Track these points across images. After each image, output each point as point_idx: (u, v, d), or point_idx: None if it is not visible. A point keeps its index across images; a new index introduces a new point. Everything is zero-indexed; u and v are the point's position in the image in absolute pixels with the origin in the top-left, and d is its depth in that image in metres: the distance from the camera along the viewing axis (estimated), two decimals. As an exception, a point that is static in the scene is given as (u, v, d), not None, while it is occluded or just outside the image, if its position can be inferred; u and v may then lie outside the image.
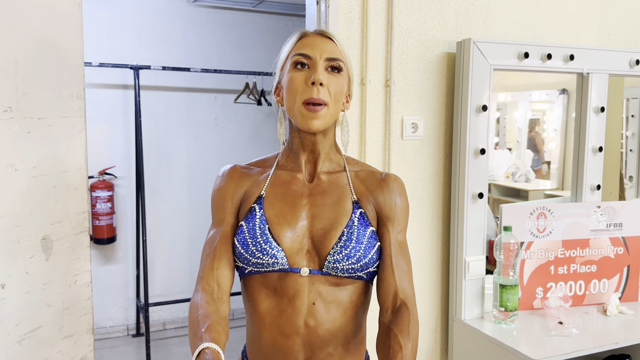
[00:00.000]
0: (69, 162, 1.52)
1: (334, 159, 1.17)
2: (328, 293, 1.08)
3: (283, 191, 1.13)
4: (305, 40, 1.11)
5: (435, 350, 2.12)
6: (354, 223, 1.10)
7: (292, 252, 1.08)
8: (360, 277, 1.09)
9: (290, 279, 1.07)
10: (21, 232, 1.40)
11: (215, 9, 3.99)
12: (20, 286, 1.41)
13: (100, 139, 3.71)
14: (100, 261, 3.82)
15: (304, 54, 1.08)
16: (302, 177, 1.15)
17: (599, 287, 2.08)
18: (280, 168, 1.17)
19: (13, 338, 1.40)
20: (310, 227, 1.10)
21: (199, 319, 1.00)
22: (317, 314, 1.07)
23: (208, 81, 4.00)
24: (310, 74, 1.07)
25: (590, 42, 2.30)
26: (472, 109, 1.92)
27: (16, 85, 1.37)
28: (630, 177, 2.76)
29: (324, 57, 1.08)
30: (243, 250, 1.08)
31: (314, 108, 1.05)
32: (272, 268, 1.07)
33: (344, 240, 1.07)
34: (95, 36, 3.56)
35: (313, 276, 1.08)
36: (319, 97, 1.05)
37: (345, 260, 1.07)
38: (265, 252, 1.06)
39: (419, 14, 1.96)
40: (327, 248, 1.08)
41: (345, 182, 1.15)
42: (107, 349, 3.67)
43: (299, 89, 1.06)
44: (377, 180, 1.17)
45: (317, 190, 1.13)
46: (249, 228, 1.09)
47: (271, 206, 1.11)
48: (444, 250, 2.09)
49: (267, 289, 1.09)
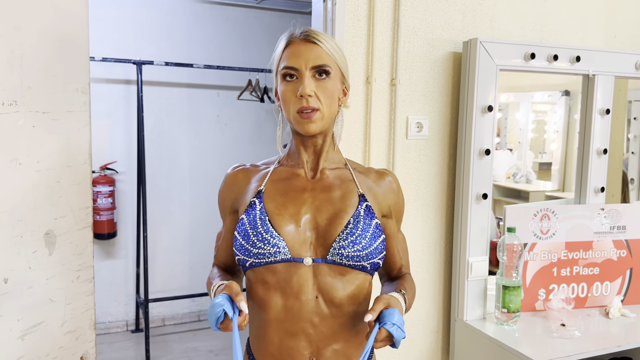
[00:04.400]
0: (74, 156, 1.52)
1: (334, 158, 1.20)
2: (331, 285, 1.09)
3: (284, 186, 1.16)
4: (291, 49, 1.12)
5: (437, 351, 2.12)
6: (360, 214, 1.12)
7: (295, 244, 1.09)
8: (364, 268, 1.10)
9: (294, 270, 1.08)
10: (24, 226, 1.40)
11: (218, 5, 3.98)
12: (23, 281, 1.40)
13: (102, 134, 3.70)
14: (101, 256, 3.81)
15: (290, 67, 1.10)
16: (303, 173, 1.17)
17: (601, 289, 2.08)
18: (281, 166, 1.21)
19: (15, 333, 1.39)
20: (314, 219, 1.11)
21: (211, 277, 1.20)
22: (322, 310, 1.09)
23: (211, 77, 3.99)
24: (298, 85, 1.09)
25: (597, 43, 2.29)
26: (477, 109, 1.91)
27: (21, 79, 1.36)
28: (631, 179, 2.75)
29: (310, 66, 1.09)
30: (244, 241, 1.09)
31: (307, 115, 1.09)
32: (274, 258, 1.08)
33: (350, 228, 1.09)
34: (98, 31, 3.54)
35: (317, 266, 1.09)
36: (310, 105, 1.08)
37: (350, 247, 1.08)
38: (267, 242, 1.08)
39: (425, 13, 1.95)
40: (332, 236, 1.09)
41: (350, 178, 1.18)
42: (106, 344, 3.66)
43: (290, 101, 1.10)
44: (379, 179, 1.21)
45: (321, 185, 1.16)
46: (249, 220, 1.10)
47: (271, 199, 1.13)
48: (447, 251, 2.08)
49: (270, 282, 1.10)
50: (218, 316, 0.97)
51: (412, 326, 2.06)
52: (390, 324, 0.99)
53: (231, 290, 1.01)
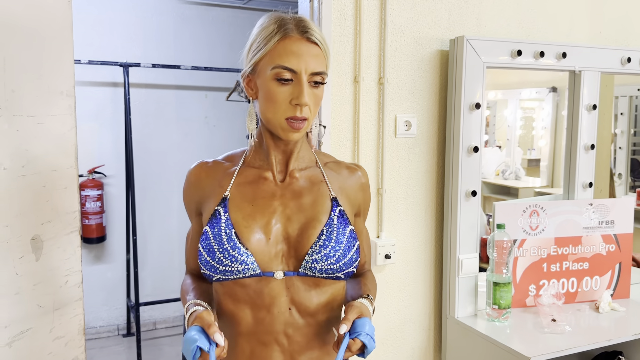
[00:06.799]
0: (59, 161, 1.50)
1: (305, 156, 1.12)
2: (305, 297, 1.04)
3: (251, 191, 1.07)
4: (289, 45, 0.99)
5: (429, 348, 2.12)
6: (334, 222, 1.05)
7: (264, 258, 1.02)
8: (338, 278, 1.05)
9: (265, 284, 1.02)
10: (10, 232, 1.38)
11: (205, 6, 3.96)
12: (9, 287, 1.39)
13: (90, 137, 3.67)
14: (90, 261, 3.78)
15: (288, 68, 0.98)
16: (271, 176, 1.09)
17: (591, 284, 2.09)
18: (247, 165, 1.11)
19: (2, 340, 1.37)
20: (285, 230, 1.04)
21: (184, 290, 1.14)
22: (296, 321, 1.04)
23: (198, 79, 3.97)
24: (293, 91, 0.99)
25: (582, 39, 2.31)
26: (465, 106, 1.92)
27: (5, 83, 1.35)
28: (619, 174, 2.78)
29: (309, 71, 0.99)
30: (209, 258, 1.01)
31: (298, 125, 1.00)
32: (243, 275, 1.01)
33: (324, 240, 1.03)
34: (84, 33, 3.51)
35: (289, 279, 1.03)
36: (302, 115, 0.99)
37: (324, 260, 1.02)
38: (234, 259, 1.00)
39: (412, 12, 1.95)
40: (305, 247, 1.03)
41: (321, 178, 1.11)
42: (97, 349, 3.64)
43: (282, 106, 1.00)
44: (350, 175, 1.15)
45: (291, 190, 1.08)
46: (214, 234, 1.02)
47: (237, 208, 1.04)
48: (437, 248, 2.09)
49: (240, 296, 1.04)
50: (193, 353, 0.91)
51: (403, 324, 2.06)
52: (364, 335, 0.96)
53: (203, 321, 0.94)
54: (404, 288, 2.04)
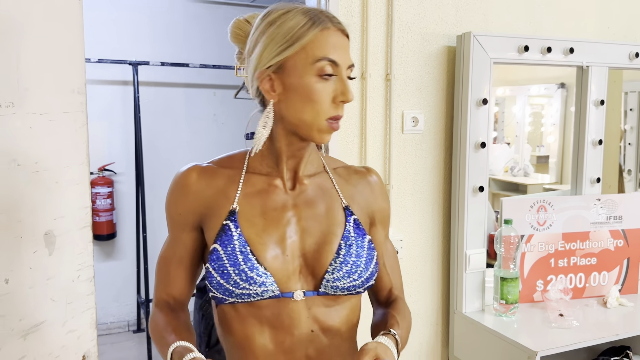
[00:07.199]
0: (71, 157, 1.52)
1: (314, 161, 1.03)
2: (327, 315, 0.96)
3: (261, 202, 0.96)
4: (329, 36, 0.90)
5: (437, 343, 2.13)
6: (350, 233, 0.97)
7: (282, 277, 0.93)
8: (358, 293, 0.98)
9: (284, 305, 0.93)
10: (24, 227, 1.41)
11: (214, 4, 3.99)
12: (23, 281, 1.41)
13: (99, 135, 3.71)
14: (101, 257, 3.82)
15: (334, 61, 0.89)
16: (281, 184, 0.98)
17: (599, 279, 2.09)
18: (252, 172, 1.00)
19: (17, 333, 1.40)
20: (301, 243, 0.95)
21: (161, 329, 0.97)
22: (318, 342, 0.96)
23: (207, 77, 4.00)
24: (336, 87, 0.90)
25: (590, 35, 2.30)
26: (472, 102, 1.92)
27: (18, 80, 1.37)
28: (629, 170, 2.77)
29: (347, 65, 0.92)
30: (223, 281, 0.91)
31: (337, 125, 0.92)
32: (262, 297, 0.92)
33: (343, 255, 0.94)
34: (94, 32, 3.54)
35: (309, 299, 0.94)
36: (342, 113, 0.93)
37: (346, 278, 0.94)
38: (252, 280, 0.90)
39: (419, 8, 1.96)
40: (323, 265, 0.94)
41: (330, 185, 1.02)
42: (108, 344, 3.68)
43: (324, 105, 0.90)
44: (360, 181, 1.06)
45: (302, 198, 0.98)
46: (227, 253, 0.91)
47: (249, 223, 0.94)
48: (445, 244, 2.09)
49: (255, 319, 0.94)
50: None
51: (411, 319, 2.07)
52: None
53: None
54: (412, 283, 2.05)
